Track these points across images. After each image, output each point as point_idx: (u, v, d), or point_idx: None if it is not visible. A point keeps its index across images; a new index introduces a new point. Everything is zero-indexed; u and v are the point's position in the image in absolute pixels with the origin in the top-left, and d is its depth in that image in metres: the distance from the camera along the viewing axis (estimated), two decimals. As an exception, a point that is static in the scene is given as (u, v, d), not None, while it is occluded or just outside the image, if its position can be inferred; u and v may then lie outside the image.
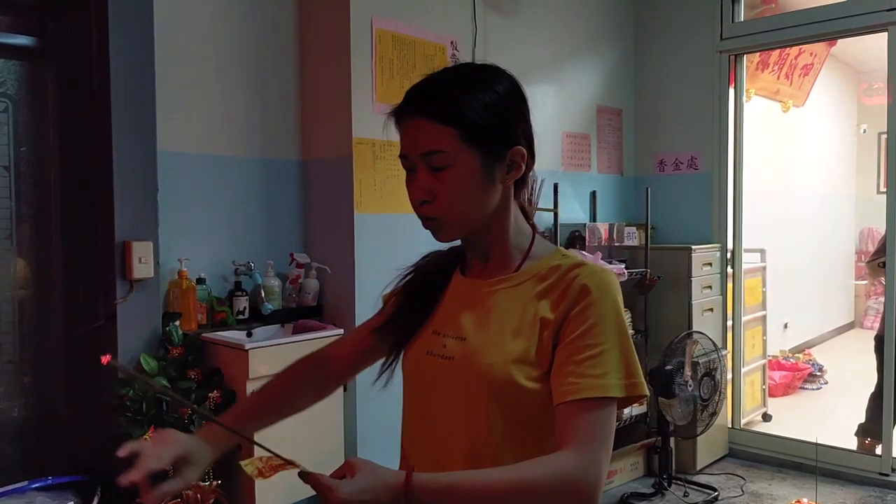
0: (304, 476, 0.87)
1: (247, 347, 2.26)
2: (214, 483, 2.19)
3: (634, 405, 1.07)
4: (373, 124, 2.70)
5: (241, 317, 2.56)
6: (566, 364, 0.96)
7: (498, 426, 1.00)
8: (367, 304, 2.66)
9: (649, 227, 3.70)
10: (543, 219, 3.31)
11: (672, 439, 3.45)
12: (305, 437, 2.15)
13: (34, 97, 2.33)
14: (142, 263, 2.24)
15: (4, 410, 2.32)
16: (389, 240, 2.73)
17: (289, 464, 0.91)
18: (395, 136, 2.99)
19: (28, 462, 2.32)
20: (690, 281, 3.65)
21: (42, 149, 2.35)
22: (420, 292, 1.14)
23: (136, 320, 2.27)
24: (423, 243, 1.16)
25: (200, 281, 2.46)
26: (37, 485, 2.02)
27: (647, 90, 4.13)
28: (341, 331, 2.54)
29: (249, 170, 2.68)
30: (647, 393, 1.00)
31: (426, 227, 1.04)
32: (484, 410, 1.00)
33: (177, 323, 2.35)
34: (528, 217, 1.12)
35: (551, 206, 3.20)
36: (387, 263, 2.59)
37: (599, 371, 0.95)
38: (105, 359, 0.91)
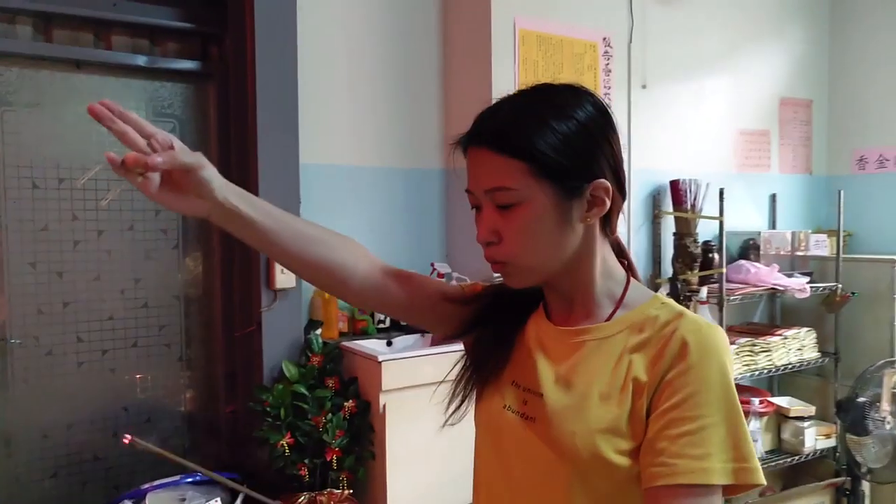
0: None
1: (380, 359, 2.26)
2: (347, 491, 2.22)
3: (743, 491, 0.86)
4: (515, 130, 2.59)
5: (381, 325, 2.58)
6: (659, 439, 0.80)
7: (575, 501, 0.85)
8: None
9: (842, 234, 3.22)
10: (709, 228, 3.00)
11: (865, 483, 2.98)
12: None
13: (197, 117, 2.51)
14: (283, 274, 2.32)
15: (171, 406, 2.53)
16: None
17: None
18: None
19: (186, 455, 2.51)
20: (894, 298, 3.13)
21: (204, 164, 2.53)
22: (507, 323, 1.00)
23: (280, 328, 2.37)
24: None
25: (342, 290, 2.51)
26: (188, 479, 2.16)
27: (844, 77, 3.60)
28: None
29: (391, 180, 2.69)
30: (762, 481, 0.80)
31: (494, 272, 0.92)
32: (564, 484, 0.86)
33: (318, 331, 2.41)
34: (625, 257, 0.97)
35: (716, 214, 2.88)
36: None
37: (699, 451, 0.78)
38: (126, 439, 0.88)
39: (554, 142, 0.84)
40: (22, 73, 2.23)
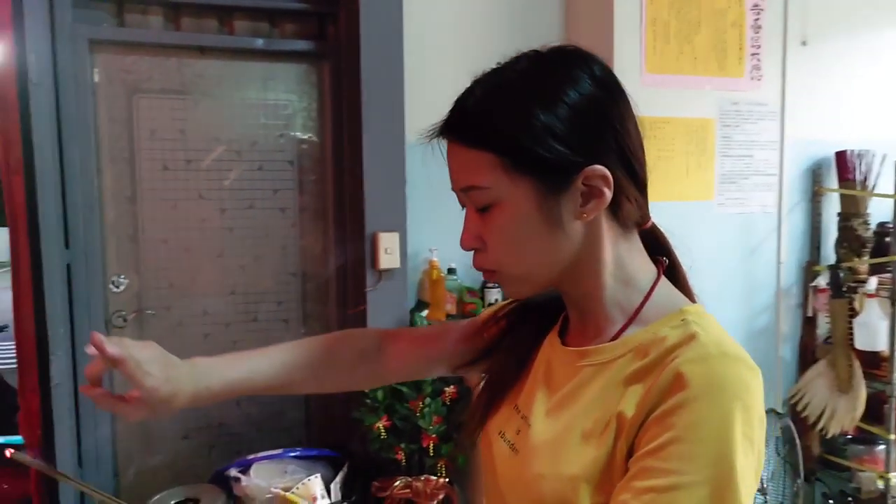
0: None
1: (481, 345, 2.17)
2: (445, 479, 2.16)
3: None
4: (641, 98, 2.33)
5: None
6: (624, 489, 0.64)
7: None
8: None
9: None
10: (882, 208, 2.55)
11: None
12: None
13: (312, 98, 2.54)
14: (388, 254, 2.29)
15: (289, 379, 2.61)
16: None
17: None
18: (668, 112, 2.56)
19: (294, 430, 2.59)
20: None
21: (319, 145, 2.56)
22: (523, 347, 0.86)
23: (384, 308, 2.35)
24: (696, 233, 0.85)
25: (451, 271, 2.44)
26: (292, 454, 2.22)
27: None
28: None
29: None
30: None
31: (486, 280, 0.80)
32: None
33: (424, 313, 2.36)
34: (666, 254, 0.79)
35: (892, 191, 2.44)
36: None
37: None
38: (8, 452, 0.86)
39: (532, 128, 0.69)
40: (153, 60, 2.37)
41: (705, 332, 0.68)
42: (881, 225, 2.59)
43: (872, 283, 2.46)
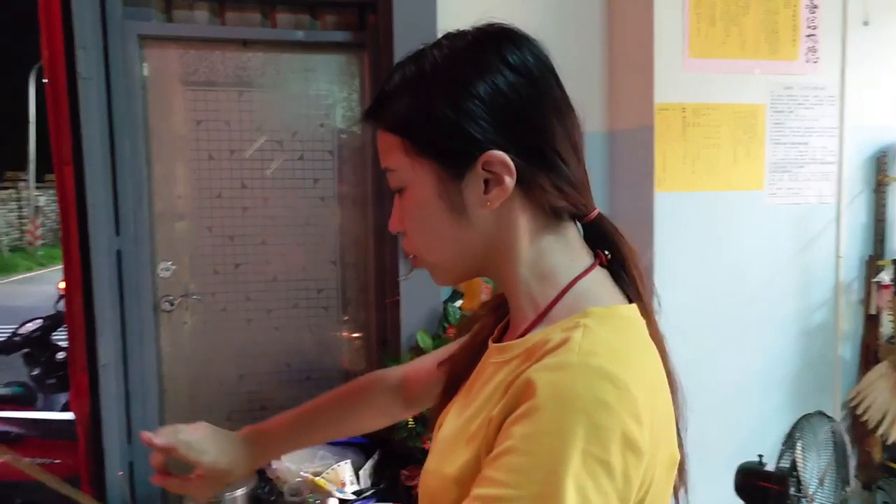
0: None
1: (511, 336, 2.14)
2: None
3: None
4: (684, 85, 2.26)
5: (528, 301, 2.45)
6: (469, 496, 0.61)
7: None
8: (668, 293, 2.27)
9: None
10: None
11: None
12: None
13: (352, 88, 2.57)
14: (419, 243, 2.29)
15: (329, 366, 2.66)
16: (699, 222, 2.28)
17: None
18: (713, 97, 2.46)
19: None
20: None
21: (359, 135, 2.58)
22: (478, 341, 0.85)
23: (418, 297, 2.35)
24: (744, 225, 0.82)
25: (486, 261, 2.42)
26: (326, 437, 2.25)
27: None
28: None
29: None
30: None
31: (414, 265, 0.79)
32: None
33: (457, 303, 2.36)
34: (611, 247, 0.74)
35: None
36: (693, 250, 2.19)
37: None
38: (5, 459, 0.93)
39: (433, 113, 0.68)
40: (199, 54, 2.45)
41: (585, 337, 0.62)
42: (954, 217, 2.41)
43: (941, 279, 2.29)
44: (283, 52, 2.50)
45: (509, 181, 0.68)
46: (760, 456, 1.99)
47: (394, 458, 2.23)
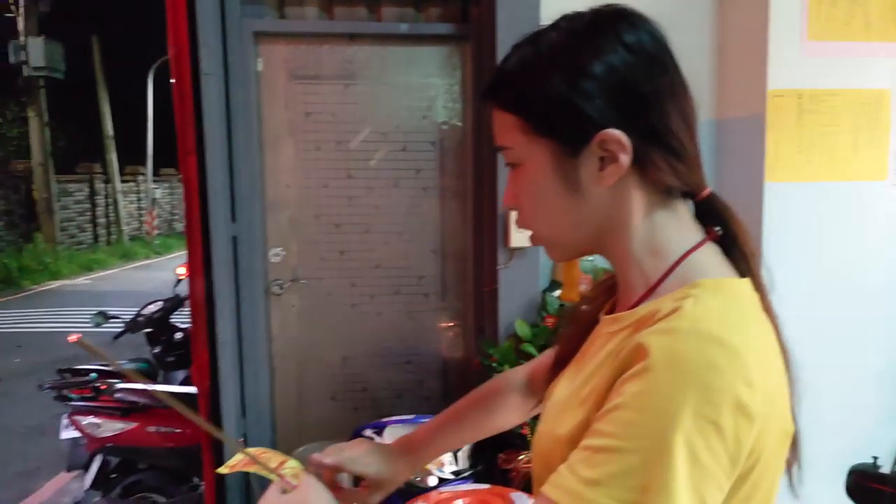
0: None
1: (612, 326, 2.13)
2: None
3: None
4: (801, 69, 2.16)
5: (629, 292, 2.42)
6: (577, 448, 0.65)
7: None
8: (778, 288, 2.19)
9: None
10: None
11: None
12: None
13: (454, 79, 2.61)
14: (519, 233, 2.30)
15: (428, 350, 2.72)
16: (814, 215, 2.18)
17: (261, 466, 0.85)
18: (833, 83, 2.37)
19: (432, 399, 2.69)
20: None
21: (460, 126, 2.62)
22: (586, 318, 0.87)
23: (516, 287, 2.37)
24: (866, 217, 0.82)
25: (587, 251, 2.41)
26: (423, 420, 2.31)
27: None
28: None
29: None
30: None
31: (532, 243, 0.81)
32: (538, 484, 0.75)
33: (556, 293, 2.36)
34: (723, 224, 0.75)
35: None
36: (807, 243, 2.10)
37: (588, 474, 0.61)
38: (73, 337, 0.97)
39: (551, 93, 0.70)
40: (308, 48, 2.56)
41: (696, 305, 0.64)
42: None
43: None
44: (388, 45, 2.57)
45: (624, 159, 0.69)
46: (875, 458, 1.90)
47: (491, 442, 2.26)
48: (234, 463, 0.86)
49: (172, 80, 2.23)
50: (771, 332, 0.70)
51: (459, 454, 2.22)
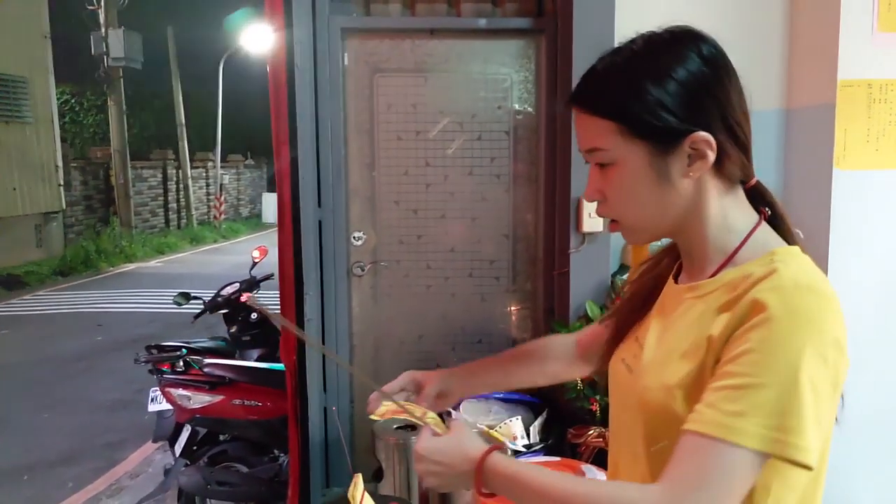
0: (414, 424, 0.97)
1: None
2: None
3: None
4: (871, 60, 2.20)
5: (696, 277, 2.50)
6: (708, 390, 0.78)
7: (655, 456, 0.87)
8: (846, 275, 2.25)
9: None
10: None
11: None
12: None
13: (528, 71, 2.72)
14: (591, 218, 2.41)
15: (499, 331, 2.86)
16: (883, 202, 2.23)
17: (408, 413, 1.00)
18: None
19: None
20: None
21: (534, 116, 2.74)
22: (645, 290, 1.03)
23: (587, 269, 2.49)
24: None
25: (655, 237, 2.50)
26: (497, 396, 2.46)
27: None
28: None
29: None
30: (807, 461, 0.72)
31: (610, 230, 0.94)
32: (641, 432, 0.89)
33: (625, 276, 2.46)
34: (770, 205, 0.91)
35: None
36: (876, 229, 2.15)
37: (733, 407, 0.74)
38: (244, 296, 1.15)
39: (646, 100, 0.83)
40: (391, 43, 2.71)
41: (786, 267, 0.80)
42: None
43: None
44: (467, 39, 2.70)
45: (711, 156, 0.84)
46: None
47: (561, 417, 2.39)
48: (384, 411, 1.03)
49: (269, 76, 2.42)
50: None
51: (531, 428, 2.35)
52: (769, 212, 0.90)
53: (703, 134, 0.83)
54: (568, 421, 2.35)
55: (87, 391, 5.85)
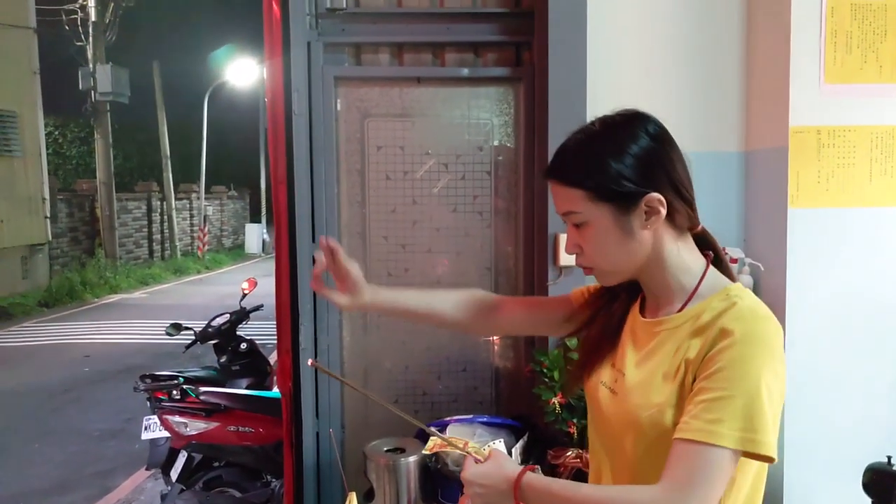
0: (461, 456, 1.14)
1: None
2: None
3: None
4: (819, 108, 2.43)
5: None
6: (689, 403, 0.98)
7: (642, 460, 1.06)
8: (800, 305, 2.45)
9: None
10: None
11: None
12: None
13: (508, 115, 2.93)
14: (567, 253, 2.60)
15: (482, 360, 3.02)
16: (833, 237, 2.44)
17: (452, 446, 1.17)
18: (850, 120, 2.75)
19: (484, 403, 2.98)
20: None
21: (513, 157, 2.94)
22: (614, 322, 1.21)
23: (564, 300, 2.66)
24: (884, 243, 1.20)
25: (627, 270, 2.69)
26: (481, 419, 2.61)
27: None
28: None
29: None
30: (770, 454, 0.92)
31: (586, 275, 1.13)
32: (631, 446, 1.08)
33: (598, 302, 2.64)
34: (711, 249, 1.12)
35: None
36: (828, 261, 2.35)
37: (712, 416, 0.94)
38: (310, 362, 1.31)
39: (607, 172, 1.04)
40: (381, 90, 2.91)
41: (742, 301, 1.02)
42: None
43: None
44: (451, 86, 2.91)
45: (662, 211, 1.06)
46: (889, 457, 2.13)
47: (542, 439, 2.55)
48: (432, 445, 1.22)
49: (269, 121, 2.60)
50: None
51: (513, 450, 2.51)
52: (712, 255, 1.11)
53: (655, 194, 1.04)
54: (548, 443, 2.51)
55: (76, 421, 5.91)
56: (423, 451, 1.26)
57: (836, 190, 2.44)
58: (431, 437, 1.23)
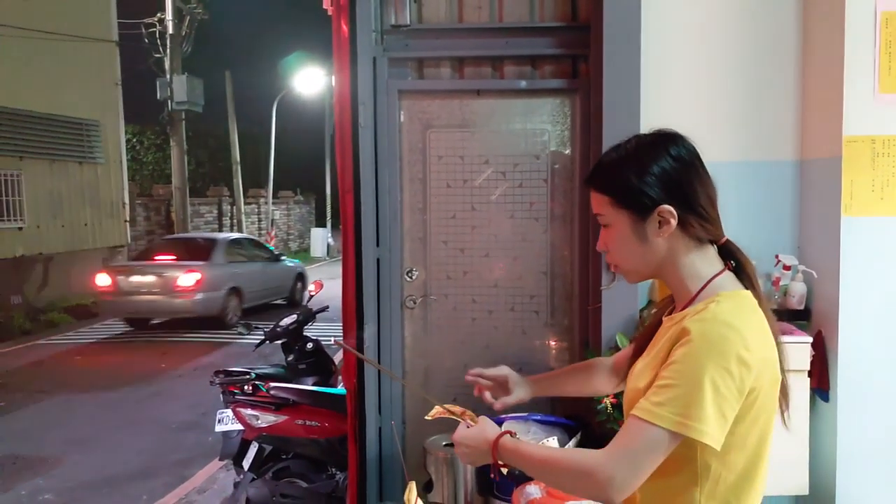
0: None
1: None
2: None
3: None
4: (873, 118, 2.45)
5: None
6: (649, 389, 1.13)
7: None
8: (854, 312, 2.47)
9: None
10: None
11: None
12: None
13: (564, 125, 3.04)
14: (620, 258, 2.68)
15: (538, 361, 3.13)
16: (887, 246, 2.46)
17: (451, 413, 1.32)
18: None
19: (540, 401, 3.08)
20: None
21: (569, 165, 3.04)
22: (655, 322, 1.33)
23: (617, 305, 2.75)
24: None
25: (680, 276, 2.75)
26: (535, 418, 2.73)
27: None
28: (808, 338, 2.47)
29: (737, 174, 2.77)
30: (707, 441, 1.05)
31: (612, 271, 1.27)
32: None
33: (653, 311, 2.72)
34: (736, 259, 1.21)
35: None
36: (881, 269, 2.39)
37: (657, 399, 1.08)
38: (335, 342, 1.47)
39: (629, 182, 1.18)
40: (442, 103, 3.06)
41: (717, 306, 1.12)
42: None
43: None
44: (509, 98, 3.04)
45: (673, 222, 1.18)
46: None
47: (593, 437, 2.64)
48: (434, 413, 1.37)
49: (336, 133, 2.78)
50: (764, 321, 1.15)
51: (567, 447, 2.61)
52: (733, 264, 1.22)
53: (667, 206, 1.17)
54: (599, 441, 2.59)
55: (156, 413, 6.27)
56: (426, 417, 1.45)
57: (890, 198, 2.46)
58: (435, 406, 1.43)
